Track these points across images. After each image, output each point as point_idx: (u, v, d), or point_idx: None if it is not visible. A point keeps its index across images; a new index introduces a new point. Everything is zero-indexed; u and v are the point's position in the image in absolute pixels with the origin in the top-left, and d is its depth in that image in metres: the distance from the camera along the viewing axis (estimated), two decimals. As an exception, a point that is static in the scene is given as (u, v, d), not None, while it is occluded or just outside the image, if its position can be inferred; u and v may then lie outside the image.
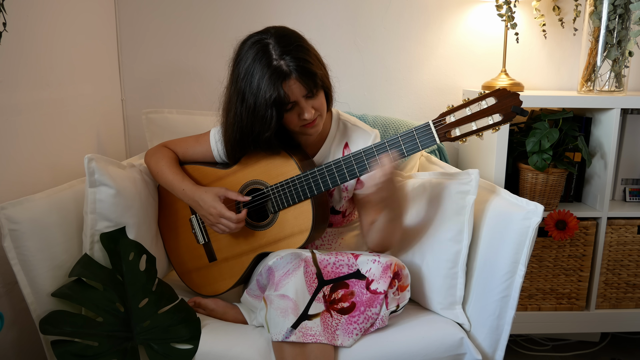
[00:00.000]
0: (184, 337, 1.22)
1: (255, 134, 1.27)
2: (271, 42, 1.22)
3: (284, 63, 1.19)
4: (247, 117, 1.25)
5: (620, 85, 1.76)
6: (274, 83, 1.19)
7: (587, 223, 1.75)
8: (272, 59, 1.20)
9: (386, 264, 1.24)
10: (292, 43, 1.22)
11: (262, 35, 1.24)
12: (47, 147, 1.51)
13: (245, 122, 1.26)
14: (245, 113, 1.25)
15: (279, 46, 1.21)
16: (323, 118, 1.31)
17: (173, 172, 1.40)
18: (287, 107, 1.23)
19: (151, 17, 1.98)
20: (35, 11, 1.46)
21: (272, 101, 1.20)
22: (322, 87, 1.26)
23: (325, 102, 1.29)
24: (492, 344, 1.29)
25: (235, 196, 1.34)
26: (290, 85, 1.20)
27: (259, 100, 1.21)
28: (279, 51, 1.20)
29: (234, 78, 1.27)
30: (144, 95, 2.04)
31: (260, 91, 1.20)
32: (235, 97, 1.26)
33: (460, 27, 2.01)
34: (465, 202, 1.30)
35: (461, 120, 1.16)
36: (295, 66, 1.19)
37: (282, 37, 1.22)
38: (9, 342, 1.34)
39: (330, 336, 1.18)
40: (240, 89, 1.24)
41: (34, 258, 1.22)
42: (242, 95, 1.24)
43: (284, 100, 1.21)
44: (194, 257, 1.47)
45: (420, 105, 2.07)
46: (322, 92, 1.28)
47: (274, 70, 1.19)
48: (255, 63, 1.21)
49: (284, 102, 1.21)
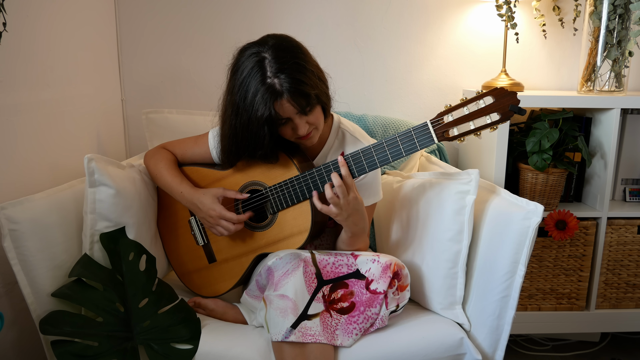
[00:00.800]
0: (184, 337, 1.22)
1: (250, 150, 1.28)
2: (267, 57, 1.19)
3: (277, 82, 1.17)
4: (242, 131, 1.25)
5: (620, 85, 1.76)
6: (266, 102, 1.18)
7: (587, 223, 1.75)
8: (266, 76, 1.18)
9: (386, 263, 1.24)
10: (288, 60, 1.18)
11: (260, 47, 1.21)
12: (47, 147, 1.51)
13: (240, 136, 1.26)
14: (240, 127, 1.25)
15: (275, 62, 1.18)
16: (319, 131, 1.30)
17: (171, 174, 1.40)
18: (281, 121, 1.23)
19: (151, 17, 1.98)
20: (35, 11, 1.46)
21: (265, 120, 1.19)
22: (317, 104, 1.24)
23: (321, 115, 1.27)
24: (492, 344, 1.29)
25: (234, 194, 1.34)
26: (282, 104, 1.19)
27: (252, 117, 1.21)
28: (275, 68, 1.18)
29: (230, 88, 1.26)
30: (144, 95, 2.04)
31: (253, 108, 1.19)
32: (230, 109, 1.25)
33: (460, 27, 2.01)
34: (465, 202, 1.30)
35: (459, 120, 1.16)
36: (289, 86, 1.17)
37: (279, 52, 1.20)
38: (9, 342, 1.34)
39: (329, 336, 1.18)
40: (234, 101, 1.24)
41: (34, 258, 1.22)
42: (236, 109, 1.24)
43: (276, 118, 1.20)
44: (193, 258, 1.47)
45: (420, 105, 2.07)
46: (319, 107, 1.26)
47: (267, 88, 1.18)
48: (250, 78, 1.20)
49: (276, 119, 1.21)
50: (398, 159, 1.21)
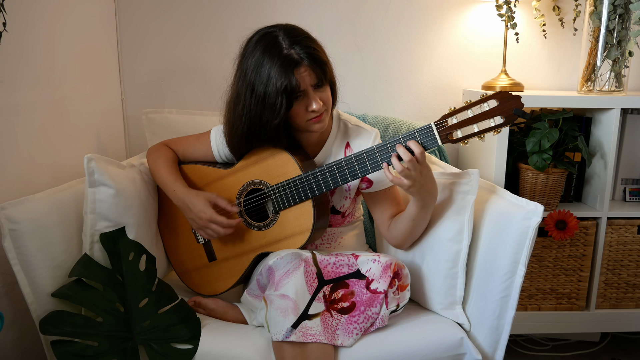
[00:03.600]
0: (184, 337, 1.22)
1: (263, 123, 1.27)
2: (280, 34, 1.24)
3: (294, 52, 1.22)
4: (257, 106, 1.26)
5: (620, 85, 1.76)
6: (285, 71, 1.20)
7: (587, 223, 1.75)
8: (282, 49, 1.22)
9: (386, 263, 1.24)
10: (300, 34, 1.25)
11: (270, 28, 1.27)
12: (47, 147, 1.51)
13: (254, 111, 1.26)
14: (255, 103, 1.25)
15: (288, 37, 1.23)
16: (329, 113, 1.32)
17: (168, 172, 1.41)
18: (296, 94, 1.24)
19: (151, 17, 1.98)
20: (35, 11, 1.46)
21: (283, 89, 1.21)
22: (329, 81, 1.28)
23: (331, 96, 1.31)
24: (492, 344, 1.29)
25: (225, 205, 1.34)
26: (301, 72, 1.22)
27: (270, 89, 1.22)
28: (289, 41, 1.22)
29: (242, 72, 1.27)
30: (144, 95, 2.04)
31: (271, 79, 1.22)
32: (244, 90, 1.27)
33: (460, 27, 2.01)
34: (465, 202, 1.30)
35: (463, 122, 1.16)
36: (306, 54, 1.22)
37: (290, 30, 1.25)
38: (9, 342, 1.34)
39: (330, 336, 1.18)
40: (249, 81, 1.25)
41: (34, 258, 1.22)
42: (251, 87, 1.25)
43: (295, 87, 1.22)
44: (193, 257, 1.47)
45: (420, 105, 2.07)
46: (329, 87, 1.29)
47: (285, 58, 1.21)
48: (265, 54, 1.23)
49: (294, 89, 1.22)
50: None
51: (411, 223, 1.31)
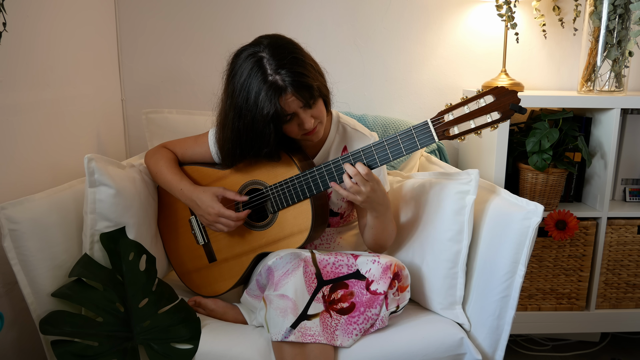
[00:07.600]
0: (184, 337, 1.22)
1: (255, 149, 1.28)
2: (265, 56, 1.20)
3: (279, 78, 1.18)
4: (246, 133, 1.25)
5: (620, 85, 1.76)
6: (271, 99, 1.18)
7: (587, 223, 1.75)
8: (267, 74, 1.19)
9: (386, 264, 1.24)
10: (286, 56, 1.20)
11: (255, 48, 1.22)
12: (46, 147, 1.51)
13: (244, 138, 1.26)
14: (244, 129, 1.25)
15: (274, 60, 1.19)
16: (323, 124, 1.31)
17: (172, 172, 1.41)
18: (285, 118, 1.23)
19: (151, 17, 1.98)
20: (35, 11, 1.46)
21: (270, 117, 1.20)
22: (319, 96, 1.25)
23: (324, 108, 1.29)
24: (492, 344, 1.29)
25: (233, 196, 1.34)
26: (286, 99, 1.20)
27: (257, 117, 1.21)
28: (274, 65, 1.19)
29: (229, 93, 1.26)
30: (144, 95, 2.04)
31: (258, 107, 1.20)
32: (232, 113, 1.25)
33: (460, 27, 2.01)
34: (465, 202, 1.30)
35: (460, 119, 1.16)
36: (291, 80, 1.18)
37: (275, 50, 1.21)
38: (9, 342, 1.34)
39: (329, 336, 1.18)
40: (236, 104, 1.24)
41: (34, 258, 1.22)
42: (239, 112, 1.24)
43: (282, 114, 1.21)
44: (193, 258, 1.47)
45: (420, 105, 2.07)
46: (321, 100, 1.27)
47: (270, 86, 1.18)
48: (251, 78, 1.20)
49: (281, 116, 1.21)
50: (399, 157, 1.22)
51: (372, 231, 1.34)
